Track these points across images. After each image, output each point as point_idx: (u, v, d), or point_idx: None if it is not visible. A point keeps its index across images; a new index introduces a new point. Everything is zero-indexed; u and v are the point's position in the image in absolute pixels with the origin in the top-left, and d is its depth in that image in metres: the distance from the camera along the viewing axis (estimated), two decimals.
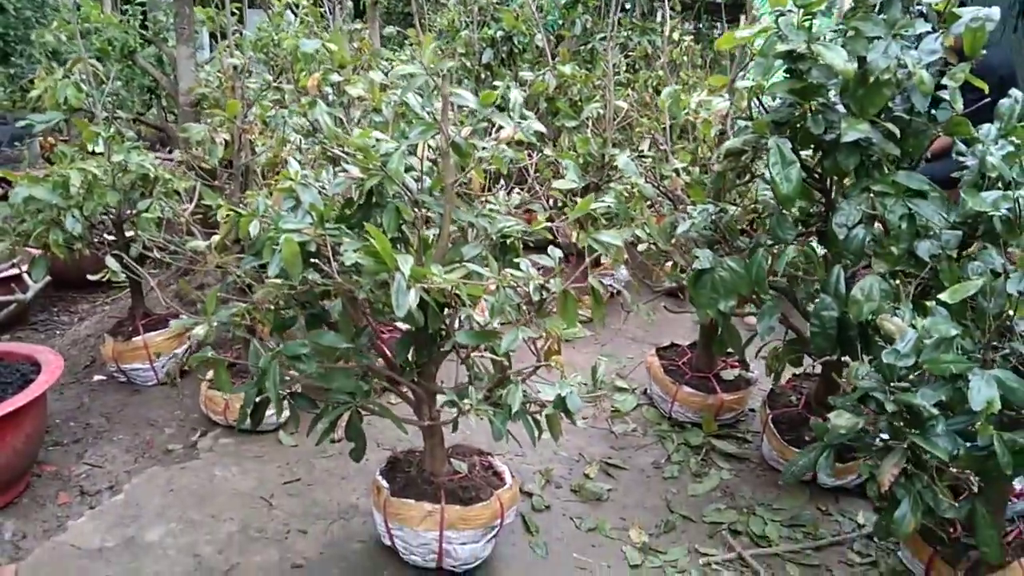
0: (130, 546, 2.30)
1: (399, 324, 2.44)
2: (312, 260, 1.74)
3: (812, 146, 2.20)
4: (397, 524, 2.18)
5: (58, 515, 2.47)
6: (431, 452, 2.25)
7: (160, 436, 2.96)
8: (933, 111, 2.09)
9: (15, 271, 2.98)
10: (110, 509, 2.48)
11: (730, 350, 2.94)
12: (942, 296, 1.75)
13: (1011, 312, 1.69)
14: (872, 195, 1.99)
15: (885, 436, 1.83)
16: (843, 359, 2.23)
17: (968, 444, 1.72)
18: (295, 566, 2.25)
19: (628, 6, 6.17)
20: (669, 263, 2.87)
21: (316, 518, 2.48)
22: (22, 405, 2.39)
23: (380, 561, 2.28)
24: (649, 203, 2.98)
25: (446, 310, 1.95)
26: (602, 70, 4.40)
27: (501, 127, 1.95)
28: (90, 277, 2.93)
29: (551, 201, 3.12)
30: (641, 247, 2.60)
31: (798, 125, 2.08)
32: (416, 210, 2.02)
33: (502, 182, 4.22)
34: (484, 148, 1.90)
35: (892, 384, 1.78)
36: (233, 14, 4.52)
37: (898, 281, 1.99)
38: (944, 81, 1.97)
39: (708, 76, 4.09)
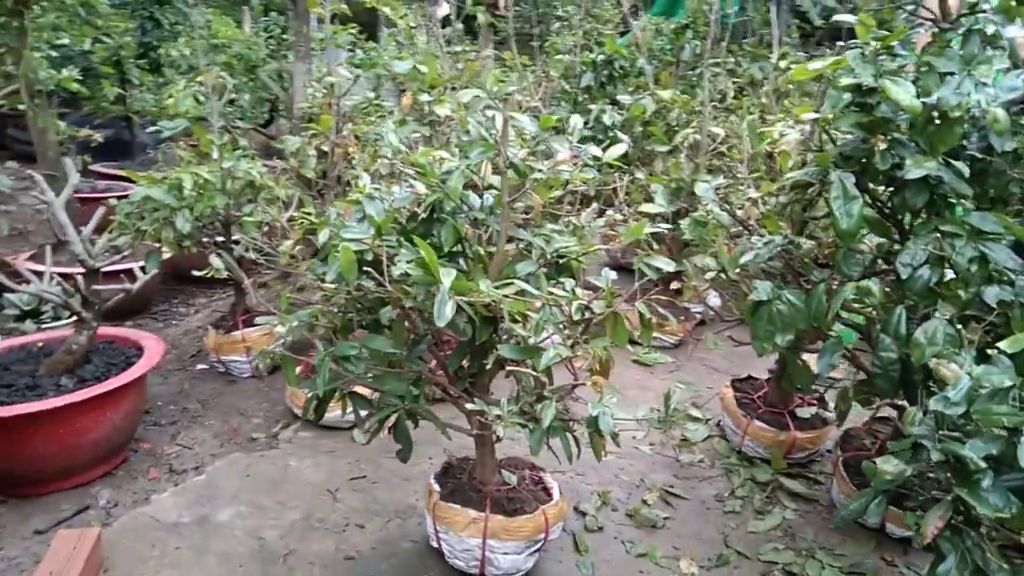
0: (202, 524, 2.48)
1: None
2: (365, 269, 1.85)
3: (886, 182, 2.13)
4: (444, 528, 2.25)
5: (146, 488, 2.69)
6: (482, 461, 2.32)
7: (247, 425, 3.17)
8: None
9: (128, 265, 3.25)
10: (191, 488, 2.68)
11: (811, 387, 2.87)
12: (1002, 344, 1.67)
13: None
14: (941, 235, 1.92)
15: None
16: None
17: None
18: (348, 558, 2.37)
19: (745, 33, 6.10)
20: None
21: (375, 514, 2.59)
22: (122, 384, 2.63)
23: (428, 562, 2.36)
24: (734, 232, 2.96)
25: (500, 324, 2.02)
26: (707, 95, 4.37)
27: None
28: (195, 273, 3.18)
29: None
30: (709, 275, 2.58)
31: (865, 160, 2.03)
32: (478, 227, 2.12)
33: (594, 204, 4.27)
34: (540, 169, 1.96)
35: (941, 432, 1.71)
36: (362, 35, 4.79)
37: (961, 326, 1.90)
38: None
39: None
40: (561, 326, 1.90)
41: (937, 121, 1.87)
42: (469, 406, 1.90)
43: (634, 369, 3.97)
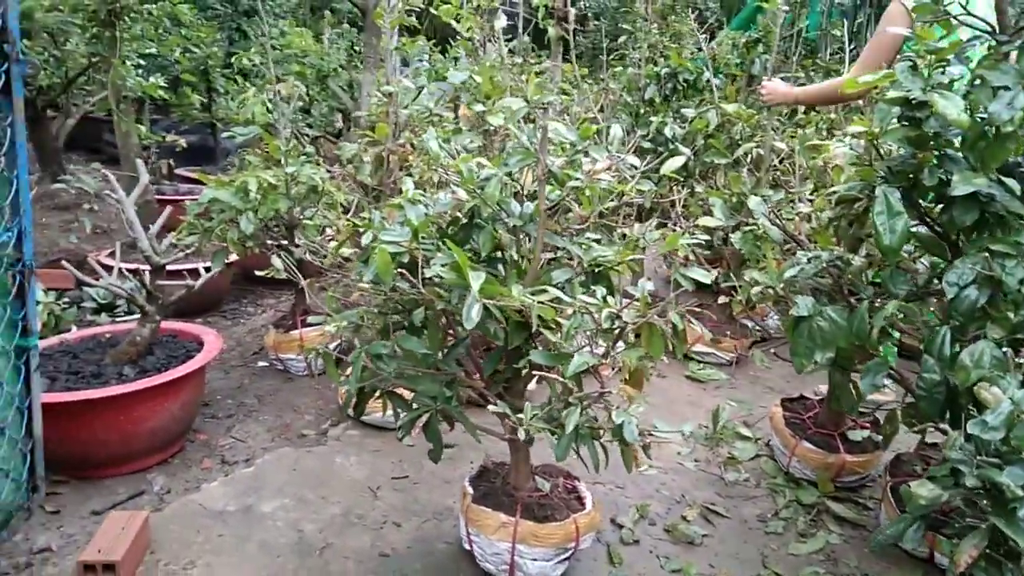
0: (247, 513, 2.57)
1: None
2: (400, 271, 1.90)
3: (937, 199, 2.07)
4: (475, 530, 2.28)
5: (198, 477, 2.81)
6: (515, 466, 2.34)
7: (299, 421, 3.27)
8: None
9: (193, 264, 3.41)
10: (240, 479, 2.78)
11: (856, 408, 2.80)
12: None
13: None
14: (991, 255, 1.85)
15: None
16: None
17: None
18: (383, 554, 2.41)
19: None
20: None
21: (413, 514, 2.64)
22: (180, 376, 2.76)
23: (461, 564, 2.39)
24: (787, 247, 2.91)
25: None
26: (775, 110, 4.30)
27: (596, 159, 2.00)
28: (257, 273, 3.31)
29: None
30: (756, 290, 2.54)
31: (913, 175, 1.98)
32: (516, 234, 2.15)
33: (653, 218, 4.25)
34: (578, 178, 1.98)
35: (980, 459, 1.65)
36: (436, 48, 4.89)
37: (1011, 350, 1.83)
38: None
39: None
40: (593, 333, 1.91)
41: (991, 137, 1.81)
42: (492, 408, 1.92)
43: (687, 384, 3.92)
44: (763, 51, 5.10)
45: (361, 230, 2.12)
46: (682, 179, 3.82)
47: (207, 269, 3.17)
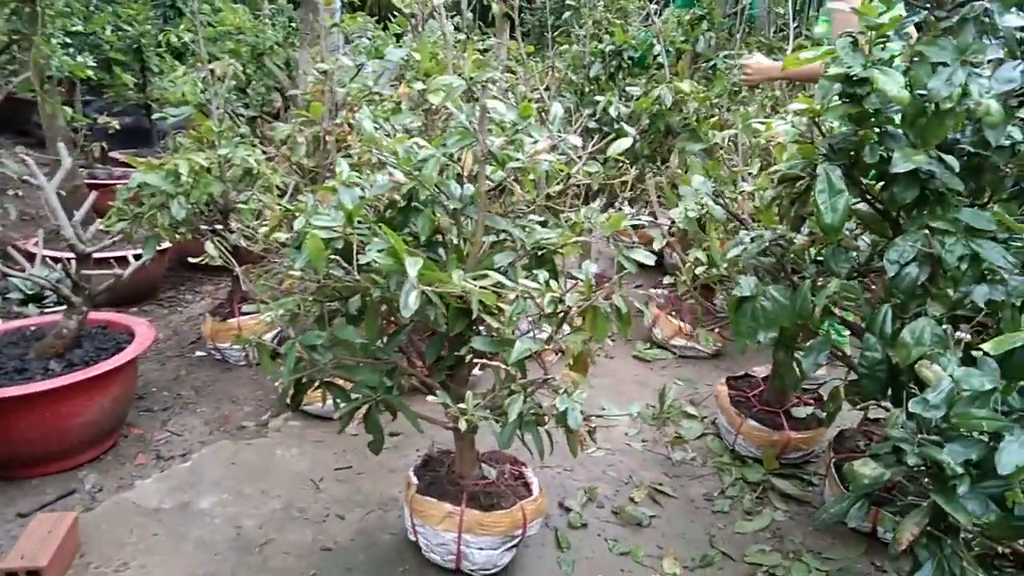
0: (183, 510, 2.48)
1: None
2: (334, 257, 1.82)
3: (879, 176, 2.07)
4: (420, 521, 2.23)
5: (132, 474, 2.70)
6: (460, 454, 2.29)
7: (238, 413, 3.17)
8: (1019, 146, 1.92)
9: (122, 252, 3.27)
10: (176, 474, 2.68)
11: (799, 386, 2.82)
12: (986, 346, 1.61)
13: None
14: (931, 232, 1.85)
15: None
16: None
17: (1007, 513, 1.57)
18: (324, 548, 2.35)
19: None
20: None
21: (357, 505, 2.57)
22: (109, 369, 2.63)
23: (405, 555, 2.34)
24: (731, 227, 2.89)
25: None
26: (721, 88, 4.29)
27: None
28: (191, 260, 3.18)
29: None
30: (700, 269, 2.52)
31: (854, 153, 1.96)
32: (459, 217, 2.08)
33: (599, 199, 4.21)
34: (519, 159, 1.92)
35: (921, 436, 1.65)
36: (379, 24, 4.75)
37: (951, 326, 1.83)
38: (1021, 113, 1.80)
39: None
40: (536, 318, 1.86)
41: (930, 114, 1.80)
42: (430, 399, 1.86)
43: (635, 364, 3.91)
44: (707, 28, 5.08)
45: (294, 214, 2.03)
46: (630, 160, 3.78)
47: (136, 257, 3.04)
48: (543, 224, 2.27)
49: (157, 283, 4.67)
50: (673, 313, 3.99)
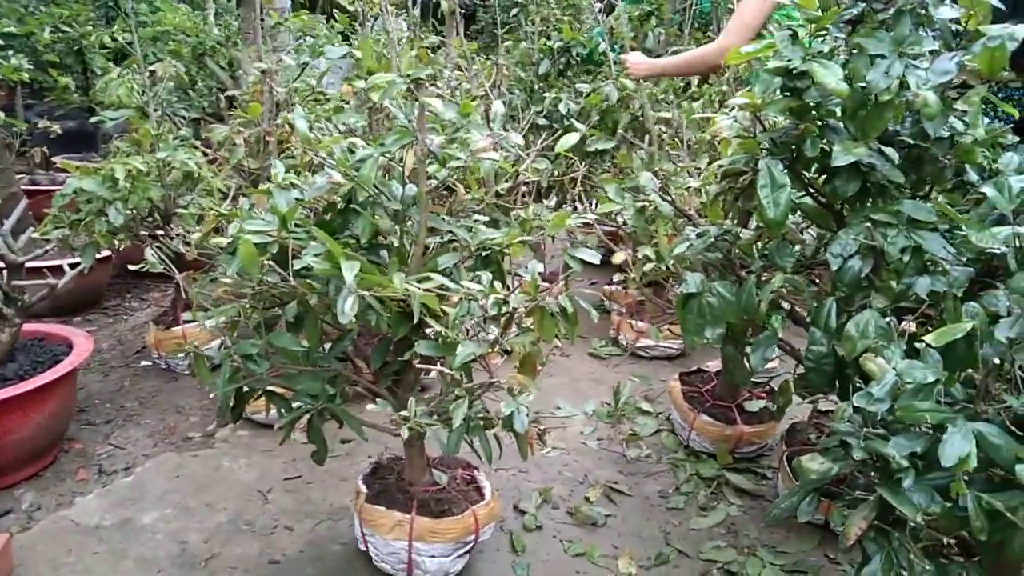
0: (124, 527, 2.39)
1: None
2: (269, 262, 1.76)
3: (821, 170, 2.06)
4: (370, 530, 2.18)
5: (73, 491, 2.60)
6: (410, 461, 2.24)
7: (183, 423, 3.08)
8: (958, 137, 1.93)
9: (59, 260, 3.16)
10: (118, 489, 2.59)
11: (748, 381, 2.81)
12: (928, 338, 1.61)
13: (996, 361, 1.52)
14: (873, 224, 1.85)
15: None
16: None
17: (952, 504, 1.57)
18: (272, 561, 2.29)
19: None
20: None
21: (306, 516, 2.51)
22: (44, 383, 2.53)
23: (356, 565, 2.29)
24: (679, 223, 2.88)
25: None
26: (667, 84, 4.28)
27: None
28: (131, 267, 3.08)
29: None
30: (648, 267, 2.51)
31: (796, 147, 1.96)
32: (401, 218, 2.03)
33: (553, 196, 4.17)
34: (459, 158, 1.88)
35: (867, 430, 1.65)
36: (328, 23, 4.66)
37: (896, 319, 1.84)
38: (959, 105, 1.81)
39: None
40: (482, 320, 1.82)
41: (870, 106, 1.80)
42: (370, 407, 1.81)
43: (590, 362, 3.90)
44: (656, 24, 5.09)
45: (228, 219, 1.96)
46: (580, 157, 3.76)
47: (72, 265, 2.93)
48: (494, 224, 2.23)
49: (101, 291, 4.54)
50: (632, 318, 3.97)
